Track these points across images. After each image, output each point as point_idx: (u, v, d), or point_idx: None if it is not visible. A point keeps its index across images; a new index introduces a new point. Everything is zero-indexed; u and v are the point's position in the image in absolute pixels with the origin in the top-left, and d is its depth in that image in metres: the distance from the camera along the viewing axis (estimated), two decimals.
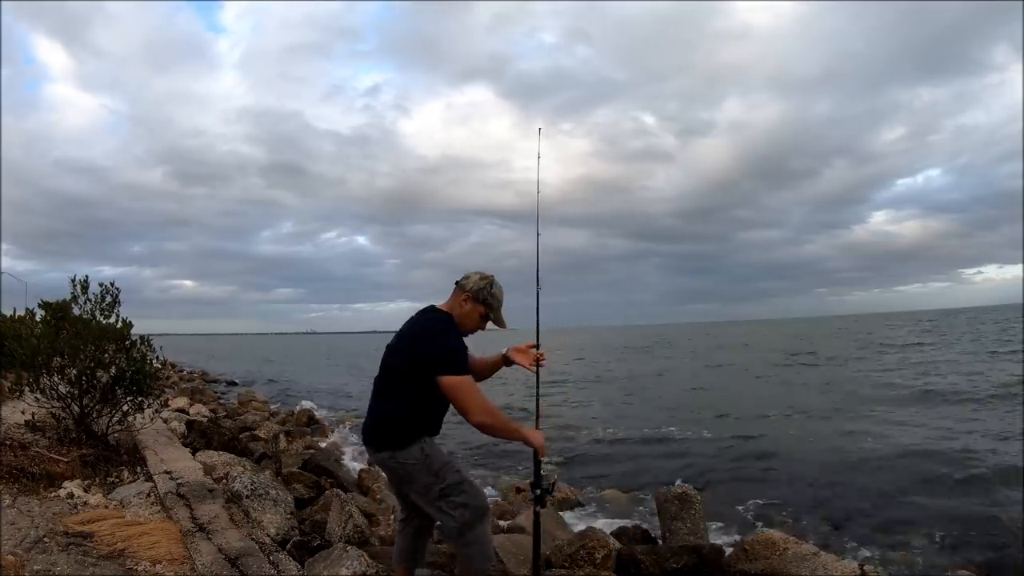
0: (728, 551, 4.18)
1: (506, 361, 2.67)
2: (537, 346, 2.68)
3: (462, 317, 2.46)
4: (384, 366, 2.46)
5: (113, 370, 5.36)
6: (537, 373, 2.66)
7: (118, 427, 5.59)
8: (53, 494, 4.03)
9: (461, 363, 2.33)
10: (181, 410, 10.23)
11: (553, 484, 2.70)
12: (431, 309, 2.52)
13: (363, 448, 2.70)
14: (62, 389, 5.25)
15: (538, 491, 2.58)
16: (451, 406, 2.45)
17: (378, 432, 2.42)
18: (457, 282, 2.51)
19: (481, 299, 2.46)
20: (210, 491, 4.07)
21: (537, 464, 2.61)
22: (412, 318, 2.53)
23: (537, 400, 2.74)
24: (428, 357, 2.31)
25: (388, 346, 2.53)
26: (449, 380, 2.29)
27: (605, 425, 11.34)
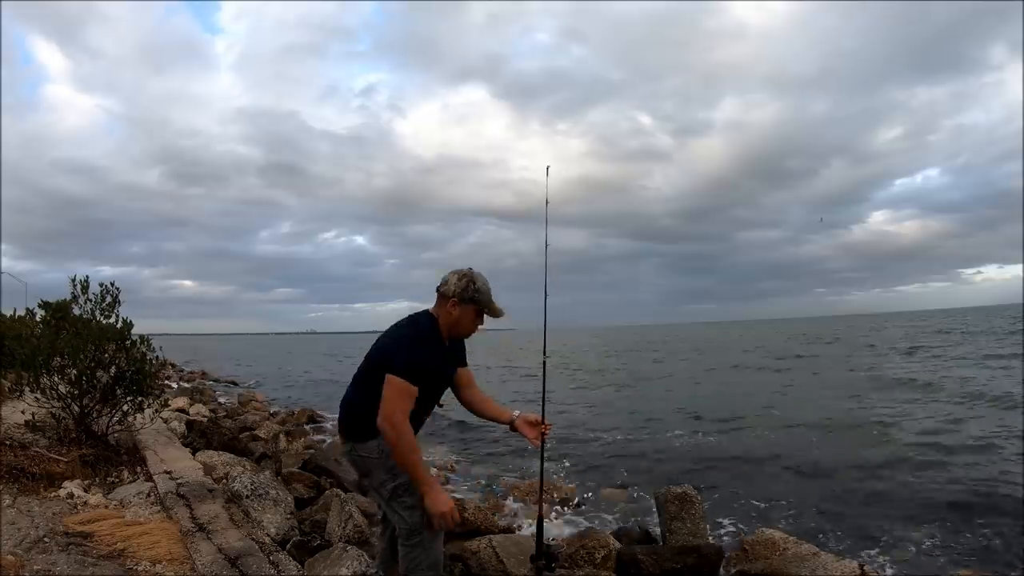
0: (728, 551, 4.18)
1: (512, 426, 2.62)
2: (543, 417, 2.67)
3: (455, 324, 2.40)
4: (364, 359, 2.48)
5: (113, 370, 5.37)
6: (542, 447, 2.68)
7: (118, 427, 5.59)
8: (53, 494, 4.03)
9: (411, 370, 2.22)
10: (181, 410, 10.23)
11: (557, 556, 2.74)
12: (421, 314, 2.46)
13: None
14: (62, 389, 5.25)
15: (541, 561, 2.60)
16: (433, 411, 2.49)
17: (343, 422, 2.44)
18: (438, 289, 2.44)
19: (468, 298, 2.37)
20: (210, 491, 4.07)
21: (540, 539, 2.62)
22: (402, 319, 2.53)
23: (541, 475, 2.78)
24: (387, 356, 2.27)
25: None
26: (389, 377, 2.21)
27: (605, 425, 11.33)
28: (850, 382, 16.36)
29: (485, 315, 2.45)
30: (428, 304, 2.54)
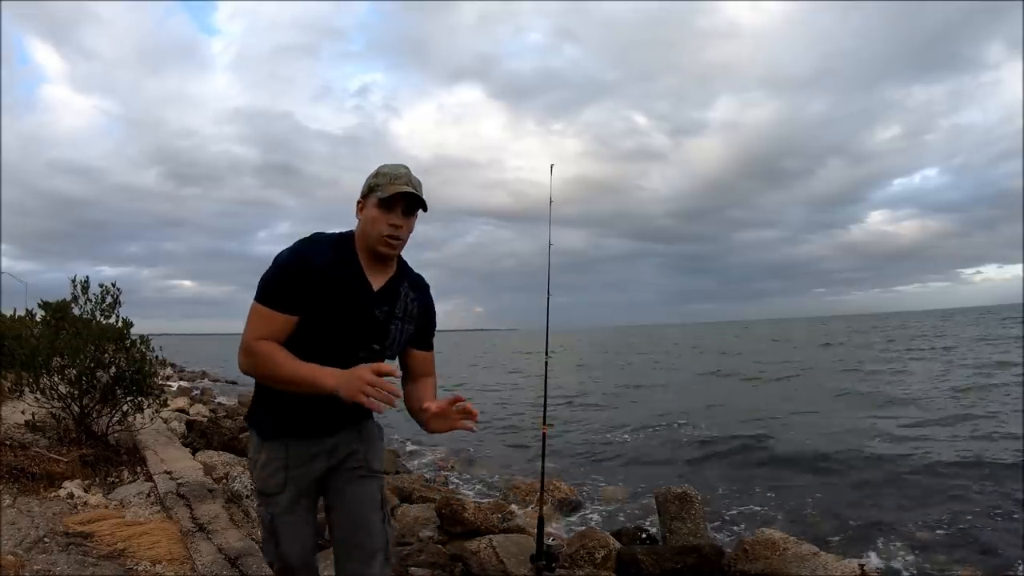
0: (728, 551, 4.18)
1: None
2: (544, 417, 2.55)
3: (363, 233, 1.61)
4: None
5: (113, 370, 5.37)
6: (543, 448, 2.59)
7: (118, 427, 5.59)
8: (53, 494, 4.03)
9: (267, 286, 1.54)
10: (181, 410, 10.23)
11: (557, 555, 2.67)
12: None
13: None
14: (62, 389, 5.25)
15: (541, 561, 2.57)
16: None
17: None
18: None
19: (366, 191, 1.61)
20: (210, 491, 4.08)
21: (540, 539, 2.60)
22: None
23: (542, 475, 2.68)
24: None
25: None
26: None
27: (605, 425, 11.33)
28: (846, 383, 16.36)
29: (390, 205, 1.58)
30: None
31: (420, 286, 1.73)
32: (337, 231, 1.63)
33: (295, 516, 1.69)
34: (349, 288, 1.57)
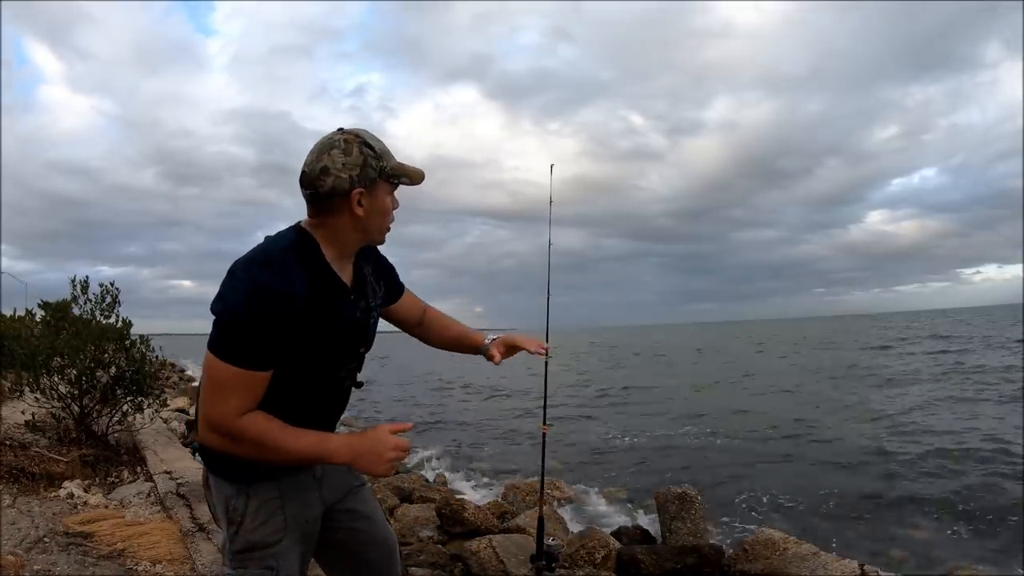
0: (728, 551, 4.18)
1: (486, 354, 1.72)
2: (544, 418, 2.47)
3: (365, 228, 1.32)
4: None
5: (113, 370, 5.37)
6: (543, 450, 2.55)
7: (118, 427, 5.59)
8: (53, 494, 4.03)
9: (239, 346, 1.19)
10: (181, 410, 10.23)
11: (557, 555, 2.67)
12: (279, 235, 1.31)
13: None
14: (62, 389, 5.25)
15: (541, 561, 2.56)
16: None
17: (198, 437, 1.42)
18: (309, 187, 1.26)
19: (374, 175, 1.28)
20: None
21: (540, 539, 2.59)
22: None
23: (542, 475, 2.68)
24: (214, 318, 1.25)
25: None
26: (206, 360, 1.23)
27: (605, 426, 11.33)
28: (847, 384, 16.36)
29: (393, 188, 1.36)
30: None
31: (366, 252, 1.45)
32: (287, 237, 1.29)
33: (300, 562, 1.40)
34: (336, 310, 1.31)
